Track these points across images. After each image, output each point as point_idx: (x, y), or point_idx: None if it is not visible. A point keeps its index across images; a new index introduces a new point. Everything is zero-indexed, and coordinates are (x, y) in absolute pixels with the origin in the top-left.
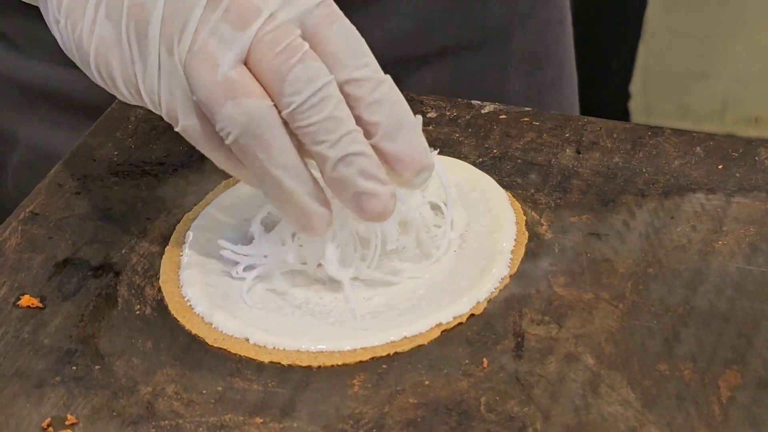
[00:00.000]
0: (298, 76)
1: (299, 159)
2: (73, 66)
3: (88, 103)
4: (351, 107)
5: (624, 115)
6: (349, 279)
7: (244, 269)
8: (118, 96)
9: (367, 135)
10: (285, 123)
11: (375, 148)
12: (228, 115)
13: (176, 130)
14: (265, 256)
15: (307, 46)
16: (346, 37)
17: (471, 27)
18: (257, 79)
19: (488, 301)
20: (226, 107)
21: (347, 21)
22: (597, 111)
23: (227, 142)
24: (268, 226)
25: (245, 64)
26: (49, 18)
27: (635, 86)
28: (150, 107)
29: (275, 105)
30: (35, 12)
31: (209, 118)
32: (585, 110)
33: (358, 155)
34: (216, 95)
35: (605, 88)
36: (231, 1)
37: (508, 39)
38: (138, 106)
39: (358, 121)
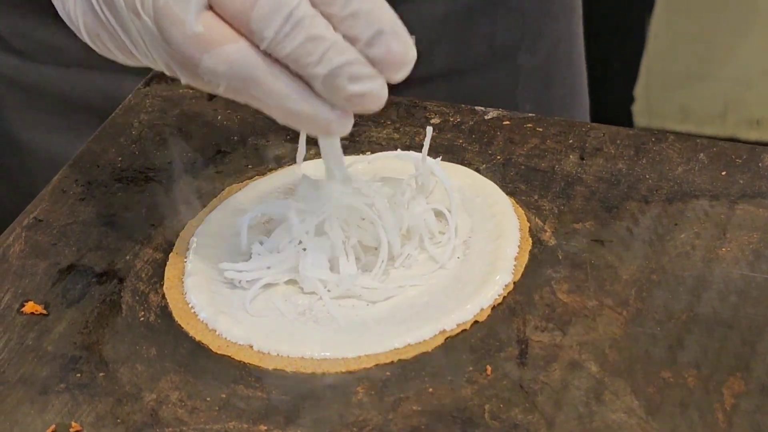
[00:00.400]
0: (262, 12)
1: (293, 79)
2: (72, 67)
3: (89, 105)
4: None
5: (627, 118)
6: (326, 289)
7: (248, 280)
8: (126, 63)
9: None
10: (266, 53)
11: None
12: (208, 69)
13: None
14: (269, 267)
15: None
16: None
17: (479, 45)
18: (225, 21)
19: (492, 308)
20: (203, 62)
21: None
22: (600, 114)
23: (219, 92)
24: (267, 233)
25: (211, 8)
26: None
27: (638, 89)
28: (155, 68)
29: (250, 41)
30: (33, 13)
31: (192, 75)
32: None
33: (344, 66)
34: (190, 52)
35: (609, 92)
36: None
37: (516, 58)
38: (142, 111)
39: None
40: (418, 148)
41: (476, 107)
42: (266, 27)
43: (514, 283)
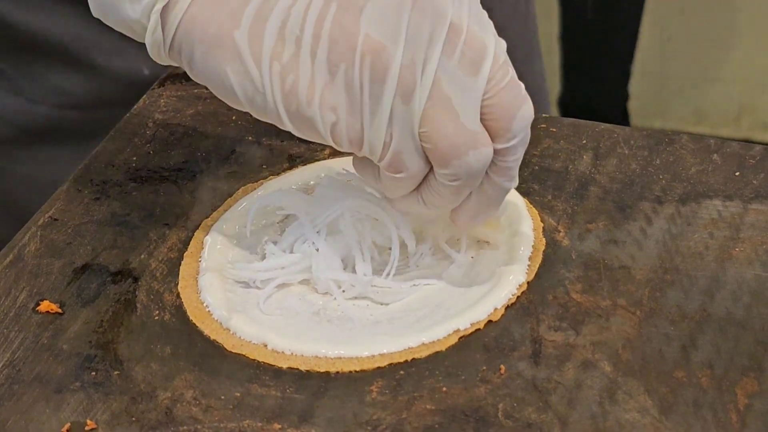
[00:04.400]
0: (525, 113)
1: None
2: (80, 109)
3: (94, 136)
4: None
5: (624, 116)
6: (340, 290)
7: (262, 280)
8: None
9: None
10: None
11: None
12: (467, 164)
13: (395, 176)
14: (283, 267)
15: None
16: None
17: None
18: (486, 114)
19: (506, 308)
20: (467, 157)
21: None
22: (596, 112)
23: (449, 185)
24: (281, 233)
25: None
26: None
27: (650, 90)
28: (361, 152)
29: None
30: (43, 57)
31: (439, 165)
32: (582, 111)
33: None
34: (458, 145)
35: (604, 90)
36: (465, 44)
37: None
38: (157, 111)
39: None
40: None
41: None
42: (520, 130)
43: (528, 282)
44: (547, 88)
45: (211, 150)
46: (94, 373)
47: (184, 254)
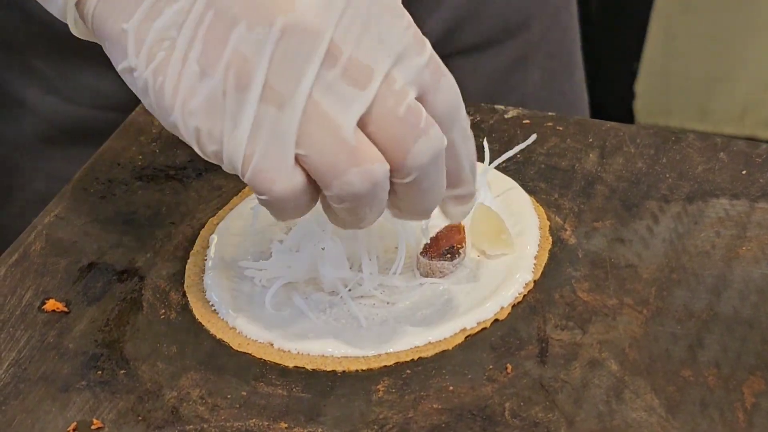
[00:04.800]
0: (422, 149)
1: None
2: (114, 111)
3: None
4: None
5: (629, 115)
6: (347, 290)
7: (269, 279)
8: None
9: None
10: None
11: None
12: (349, 182)
13: (260, 198)
14: (289, 266)
15: (424, 112)
16: (449, 98)
17: (494, 22)
18: (374, 141)
19: (512, 307)
20: (348, 176)
21: (447, 73)
22: (601, 111)
23: (338, 206)
24: (287, 231)
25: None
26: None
27: (655, 88)
28: (225, 167)
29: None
30: (79, 58)
31: (322, 182)
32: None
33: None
34: (337, 162)
35: (610, 89)
36: (349, 60)
37: (528, 32)
38: None
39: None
40: None
41: (496, 106)
42: (420, 166)
43: (535, 281)
44: (587, 99)
45: None
46: (100, 372)
47: (190, 253)
